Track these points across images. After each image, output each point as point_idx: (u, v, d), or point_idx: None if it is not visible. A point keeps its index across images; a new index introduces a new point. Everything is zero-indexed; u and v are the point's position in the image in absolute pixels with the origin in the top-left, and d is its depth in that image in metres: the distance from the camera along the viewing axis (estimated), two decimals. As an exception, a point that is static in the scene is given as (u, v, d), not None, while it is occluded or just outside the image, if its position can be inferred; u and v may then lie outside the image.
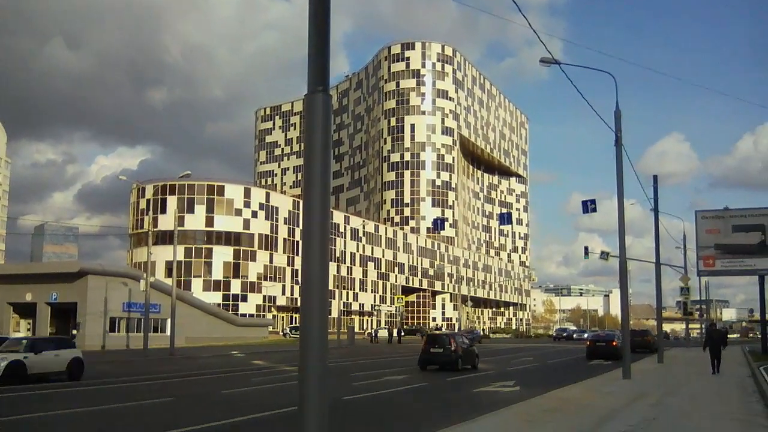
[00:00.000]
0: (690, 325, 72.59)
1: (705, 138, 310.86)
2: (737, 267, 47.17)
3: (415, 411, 15.19)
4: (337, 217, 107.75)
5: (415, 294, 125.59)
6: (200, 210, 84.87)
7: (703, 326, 59.96)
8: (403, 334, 70.94)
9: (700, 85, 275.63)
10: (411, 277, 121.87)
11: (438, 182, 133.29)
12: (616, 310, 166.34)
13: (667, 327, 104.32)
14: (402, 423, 12.94)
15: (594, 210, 29.69)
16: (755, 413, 13.25)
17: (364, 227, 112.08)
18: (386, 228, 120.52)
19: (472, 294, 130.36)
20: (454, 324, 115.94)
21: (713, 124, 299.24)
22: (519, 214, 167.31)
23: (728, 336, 30.47)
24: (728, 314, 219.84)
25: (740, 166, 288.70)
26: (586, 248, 50.76)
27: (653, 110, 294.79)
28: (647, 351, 43.41)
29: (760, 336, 49.71)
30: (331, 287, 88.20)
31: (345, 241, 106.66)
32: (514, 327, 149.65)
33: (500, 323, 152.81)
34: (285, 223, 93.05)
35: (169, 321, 45.20)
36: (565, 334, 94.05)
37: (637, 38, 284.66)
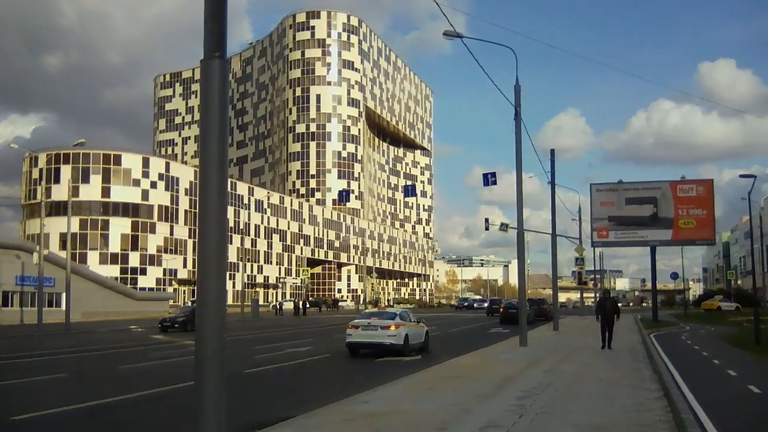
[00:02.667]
0: (585, 294, 75.53)
1: (600, 113, 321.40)
2: (630, 238, 49.32)
3: (318, 381, 15.23)
4: (241, 188, 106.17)
5: (320, 266, 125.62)
6: (96, 180, 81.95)
7: (597, 295, 62.49)
8: (308, 306, 70.91)
9: (596, 61, 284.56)
10: (317, 249, 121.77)
11: (344, 154, 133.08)
12: (514, 279, 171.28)
13: (563, 296, 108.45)
14: (303, 394, 12.95)
15: (494, 183, 30.27)
16: (644, 378, 13.89)
17: (269, 199, 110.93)
18: (292, 200, 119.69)
19: (378, 265, 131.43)
20: (359, 296, 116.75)
21: (608, 100, 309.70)
22: (423, 186, 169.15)
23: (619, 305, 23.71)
24: (622, 284, 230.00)
25: (633, 142, 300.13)
26: (486, 220, 51.78)
27: (551, 85, 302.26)
28: (544, 319, 44.85)
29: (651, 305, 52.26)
30: (234, 260, 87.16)
31: (249, 213, 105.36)
32: (418, 297, 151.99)
33: (404, 294, 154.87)
34: (186, 194, 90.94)
35: (64, 295, 43.59)
36: (466, 304, 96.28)
37: (537, 14, 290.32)
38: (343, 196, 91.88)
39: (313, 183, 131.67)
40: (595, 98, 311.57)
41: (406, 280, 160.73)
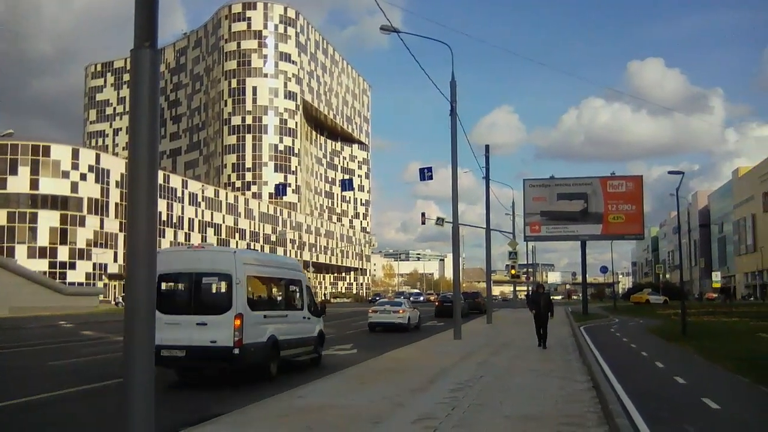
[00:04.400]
0: (518, 288, 76.80)
1: (533, 110, 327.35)
2: (561, 233, 50.34)
3: (249, 377, 15.08)
4: (175, 180, 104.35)
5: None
6: (24, 172, 79.50)
7: (530, 289, 63.61)
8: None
9: (529, 59, 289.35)
10: (252, 244, 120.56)
11: (281, 147, 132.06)
12: (450, 273, 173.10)
13: (497, 289, 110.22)
14: (237, 390, 12.80)
15: (430, 177, 30.56)
16: (574, 370, 14.21)
17: (203, 192, 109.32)
18: (227, 193, 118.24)
19: (314, 260, 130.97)
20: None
21: (541, 98, 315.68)
22: (361, 180, 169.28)
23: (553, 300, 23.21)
24: (553, 277, 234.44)
25: (565, 138, 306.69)
26: (423, 215, 52.20)
27: (486, 82, 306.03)
28: (478, 312, 45.43)
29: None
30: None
31: (183, 207, 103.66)
32: (355, 291, 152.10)
33: (341, 288, 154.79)
34: (117, 186, 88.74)
35: (-11, 290, 42.16)
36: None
37: (473, 11, 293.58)
38: (280, 189, 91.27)
39: (249, 176, 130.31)
40: (529, 95, 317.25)
41: (343, 274, 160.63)
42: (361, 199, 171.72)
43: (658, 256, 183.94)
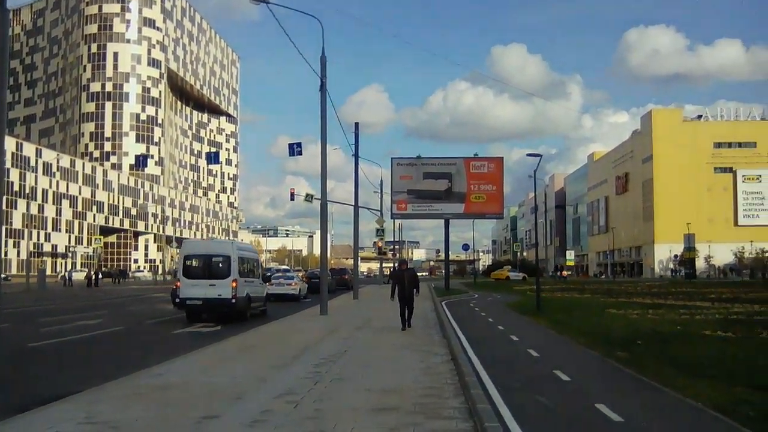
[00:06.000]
0: (385, 264, 77.95)
1: (402, 90, 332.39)
2: (426, 211, 51.49)
3: (109, 355, 14.57)
4: (28, 149, 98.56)
5: (115, 235, 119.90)
6: None
7: (394, 265, 64.56)
8: (100, 276, 67.32)
9: (399, 38, 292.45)
10: (111, 217, 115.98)
11: (143, 116, 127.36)
12: (319, 249, 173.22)
13: (364, 266, 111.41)
14: (93, 368, 12.32)
15: (300, 153, 30.37)
16: (434, 343, 14.59)
17: (58, 162, 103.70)
18: (84, 163, 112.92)
19: (178, 234, 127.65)
20: (157, 266, 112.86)
21: (410, 78, 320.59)
22: (228, 154, 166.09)
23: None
24: (419, 254, 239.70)
25: (432, 119, 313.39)
26: (292, 191, 51.82)
27: (357, 59, 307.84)
28: (345, 288, 45.80)
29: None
30: (19, 226, 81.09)
31: (36, 177, 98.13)
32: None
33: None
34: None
35: None
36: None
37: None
38: (141, 161, 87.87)
39: (108, 146, 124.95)
40: (398, 75, 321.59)
41: (179, 248, 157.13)
42: (228, 174, 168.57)
43: (516, 234, 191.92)
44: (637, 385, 10.47)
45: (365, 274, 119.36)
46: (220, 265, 21.52)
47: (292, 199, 51.38)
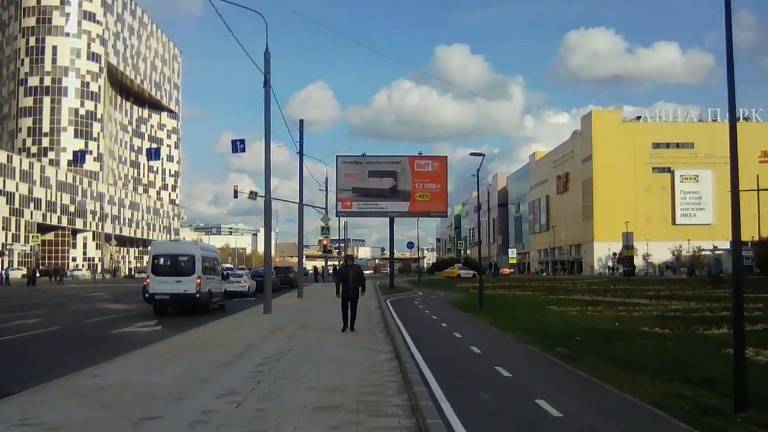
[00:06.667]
0: (330, 262, 77.72)
1: (347, 88, 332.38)
2: (371, 209, 51.54)
3: (47, 355, 14.22)
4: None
5: (53, 232, 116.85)
6: None
7: (338, 263, 64.58)
8: (38, 275, 65.59)
9: (344, 36, 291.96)
10: (49, 214, 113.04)
11: (82, 112, 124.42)
12: (263, 248, 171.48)
13: (309, 264, 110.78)
14: (30, 368, 12.00)
15: (243, 150, 29.85)
16: (378, 341, 14.62)
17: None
18: (21, 159, 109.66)
19: (117, 232, 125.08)
20: (96, 264, 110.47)
21: (355, 76, 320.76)
22: (170, 150, 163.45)
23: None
24: (364, 252, 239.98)
25: (376, 117, 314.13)
26: (235, 188, 51.12)
27: (302, 56, 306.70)
28: (289, 287, 45.55)
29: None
30: (-50, 223, 78.17)
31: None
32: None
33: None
34: None
35: None
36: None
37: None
38: (80, 156, 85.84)
39: (46, 141, 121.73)
40: (343, 73, 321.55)
41: (149, 248, 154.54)
42: (169, 170, 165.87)
43: (460, 232, 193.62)
44: (576, 381, 10.68)
45: (310, 272, 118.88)
46: (186, 264, 23.64)
47: (236, 196, 50.78)
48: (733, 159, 8.18)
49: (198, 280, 23.16)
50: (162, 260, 24.20)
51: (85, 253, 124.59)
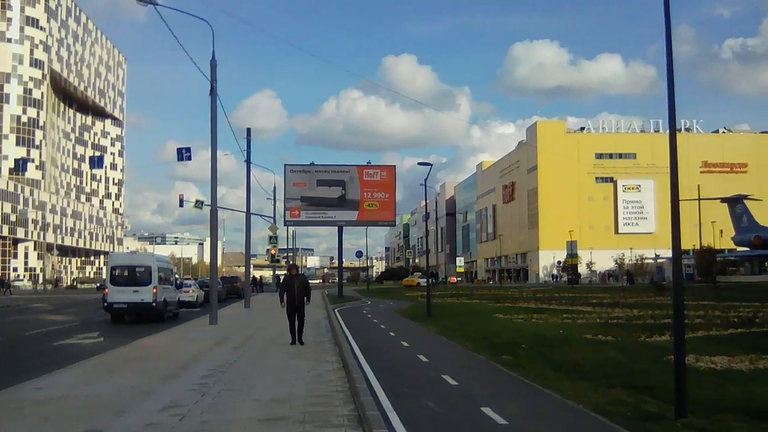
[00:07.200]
0: (278, 272, 77.20)
1: (295, 97, 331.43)
2: (320, 218, 51.50)
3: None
4: None
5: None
6: None
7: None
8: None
9: (292, 44, 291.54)
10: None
11: (24, 119, 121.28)
12: (209, 257, 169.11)
13: (257, 274, 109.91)
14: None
15: (189, 158, 29.58)
16: (326, 351, 14.58)
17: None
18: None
19: (60, 242, 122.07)
20: (38, 275, 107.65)
21: (303, 85, 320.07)
22: (114, 158, 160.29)
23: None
24: (313, 262, 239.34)
25: (325, 126, 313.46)
26: (181, 197, 50.38)
27: (250, 64, 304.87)
28: (237, 297, 45.09)
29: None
30: None
31: None
32: (105, 276, 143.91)
33: (90, 273, 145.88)
34: None
35: None
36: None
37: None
38: (21, 164, 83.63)
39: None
40: (291, 81, 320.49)
41: (92, 258, 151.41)
42: (113, 179, 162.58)
43: (409, 241, 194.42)
44: (521, 388, 10.81)
45: (257, 281, 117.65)
46: (142, 274, 24.91)
47: (181, 205, 50.08)
48: (673, 169, 8.39)
49: (154, 290, 24.32)
50: (120, 271, 25.49)
51: (26, 263, 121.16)
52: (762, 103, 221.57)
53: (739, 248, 78.17)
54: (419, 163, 34.75)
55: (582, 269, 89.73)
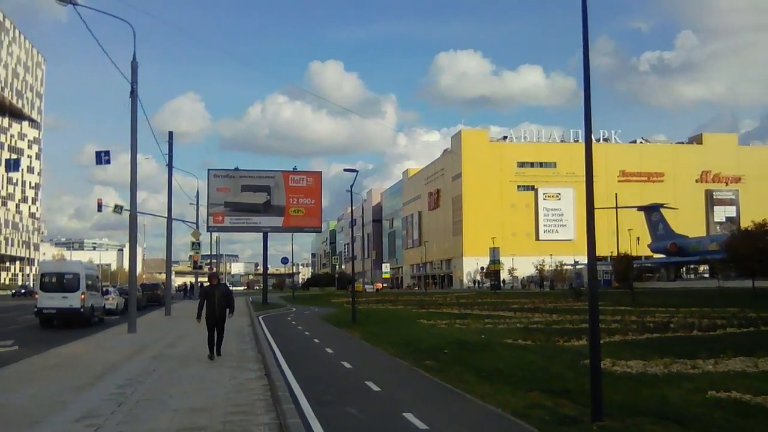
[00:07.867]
0: (201, 278, 75.97)
1: (219, 100, 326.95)
2: (245, 224, 50.93)
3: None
4: None
5: None
6: None
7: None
8: None
9: (216, 48, 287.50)
10: None
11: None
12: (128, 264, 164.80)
13: (179, 280, 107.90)
14: None
15: (108, 162, 28.76)
16: (248, 359, 14.45)
17: None
18: None
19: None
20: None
21: (227, 88, 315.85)
22: (30, 161, 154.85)
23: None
24: (237, 268, 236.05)
25: (250, 131, 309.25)
26: (99, 201, 48.94)
27: (172, 66, 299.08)
28: (157, 304, 44.13)
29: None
30: None
31: None
32: (21, 283, 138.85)
33: (6, 279, 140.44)
34: None
35: None
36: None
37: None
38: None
39: None
40: (215, 84, 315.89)
41: (7, 264, 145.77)
42: (30, 182, 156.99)
43: (335, 248, 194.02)
44: (442, 393, 10.95)
45: (180, 289, 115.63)
46: (71, 281, 25.70)
47: (100, 210, 48.54)
48: (589, 178, 8.64)
49: (82, 296, 25.42)
50: (49, 278, 26.56)
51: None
52: (678, 114, 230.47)
53: (656, 255, 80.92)
54: (345, 170, 34.89)
55: (504, 275, 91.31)
